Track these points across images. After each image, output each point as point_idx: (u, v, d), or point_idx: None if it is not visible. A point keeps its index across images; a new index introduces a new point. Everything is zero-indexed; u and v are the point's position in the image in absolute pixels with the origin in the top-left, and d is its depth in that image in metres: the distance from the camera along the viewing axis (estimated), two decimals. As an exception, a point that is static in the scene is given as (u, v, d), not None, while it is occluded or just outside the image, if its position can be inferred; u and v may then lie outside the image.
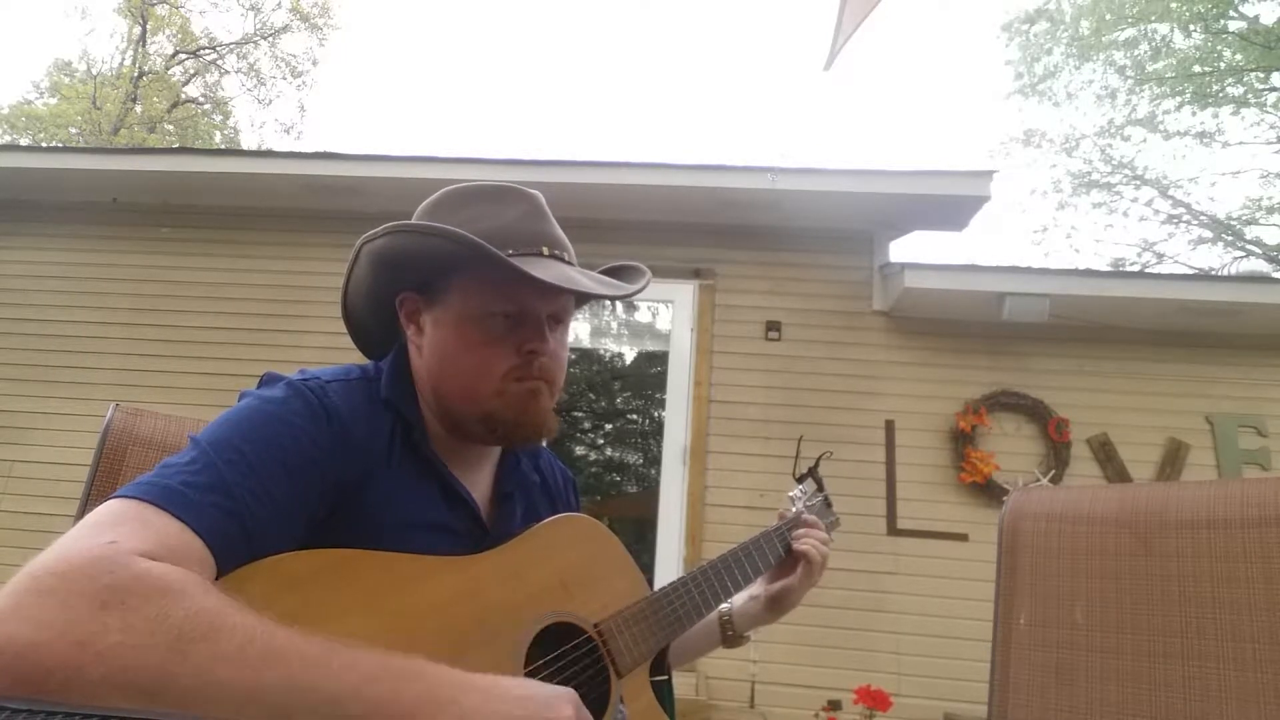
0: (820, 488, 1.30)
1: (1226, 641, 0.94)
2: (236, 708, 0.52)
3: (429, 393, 0.88)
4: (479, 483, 0.91)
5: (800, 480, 1.29)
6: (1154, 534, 1.03)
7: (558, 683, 0.80)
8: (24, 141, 14.73)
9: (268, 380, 0.81)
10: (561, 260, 0.87)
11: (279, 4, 16.34)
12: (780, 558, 1.14)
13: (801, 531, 1.16)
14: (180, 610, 0.54)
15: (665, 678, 0.96)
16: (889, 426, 3.98)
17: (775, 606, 1.13)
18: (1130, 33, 12.96)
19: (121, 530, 0.58)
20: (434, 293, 0.87)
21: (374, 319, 0.94)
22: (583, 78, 30.76)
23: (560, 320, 0.90)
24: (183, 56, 16.15)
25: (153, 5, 15.32)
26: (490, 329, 0.84)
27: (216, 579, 0.62)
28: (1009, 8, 16.60)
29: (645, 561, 3.87)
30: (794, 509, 1.23)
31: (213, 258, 4.49)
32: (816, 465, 1.32)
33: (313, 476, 0.73)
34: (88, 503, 1.17)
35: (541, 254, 0.85)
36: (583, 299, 0.97)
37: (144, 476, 0.65)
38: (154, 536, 0.59)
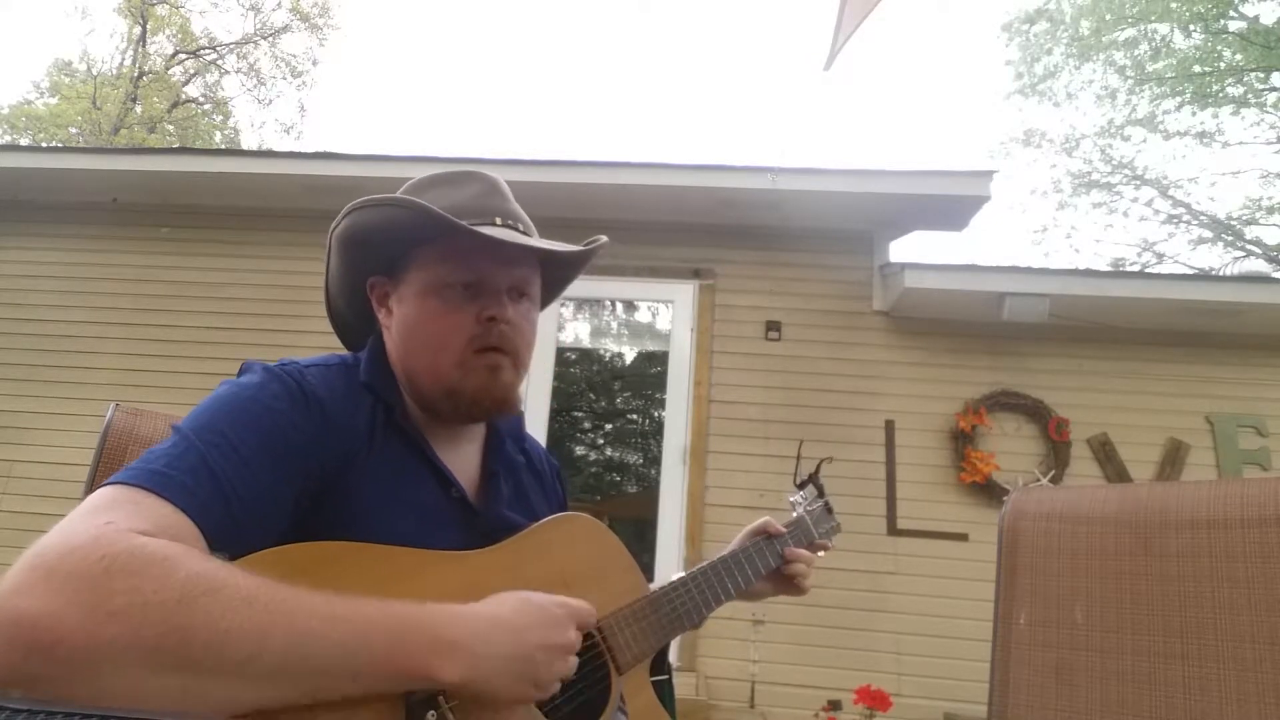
0: (821, 494, 1.30)
1: (1226, 641, 0.94)
2: (246, 658, 0.54)
3: (402, 374, 0.89)
4: (464, 462, 0.92)
5: (801, 486, 1.28)
6: (1154, 534, 1.03)
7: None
8: (24, 141, 14.73)
9: (246, 369, 0.82)
10: (515, 230, 0.88)
11: (279, 4, 16.35)
12: (779, 559, 1.16)
13: (792, 554, 1.17)
14: (182, 571, 0.55)
15: (665, 677, 0.96)
16: (889, 427, 3.98)
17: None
18: (1130, 33, 12.96)
19: (116, 513, 0.59)
20: (397, 271, 0.89)
21: (351, 310, 0.96)
22: (583, 79, 30.77)
23: (524, 293, 0.90)
24: (183, 56, 16.14)
25: (153, 5, 15.32)
26: (449, 299, 0.85)
27: None
28: (1009, 8, 16.62)
29: (645, 561, 3.88)
30: (794, 514, 1.23)
31: (213, 258, 4.50)
32: (817, 471, 1.31)
33: (295, 458, 0.74)
34: (88, 502, 1.17)
35: (494, 224, 0.87)
36: (550, 278, 0.98)
37: (130, 464, 0.67)
38: (147, 517, 0.60)
